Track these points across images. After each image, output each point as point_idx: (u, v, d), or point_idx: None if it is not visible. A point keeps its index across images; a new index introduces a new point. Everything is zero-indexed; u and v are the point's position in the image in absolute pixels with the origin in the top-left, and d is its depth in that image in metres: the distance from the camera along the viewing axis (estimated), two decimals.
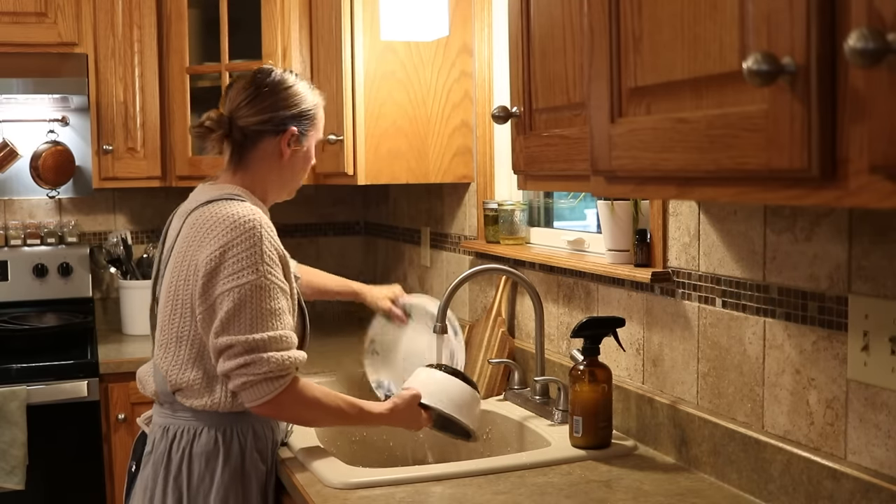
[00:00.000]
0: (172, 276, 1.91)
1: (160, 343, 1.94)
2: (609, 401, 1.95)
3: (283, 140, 1.98)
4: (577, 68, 1.51)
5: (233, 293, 1.79)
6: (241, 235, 1.81)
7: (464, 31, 2.81)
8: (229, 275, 1.80)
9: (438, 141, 2.85)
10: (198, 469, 1.88)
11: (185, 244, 1.89)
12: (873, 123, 0.86)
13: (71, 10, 3.25)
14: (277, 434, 2.01)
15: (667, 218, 1.93)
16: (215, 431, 1.89)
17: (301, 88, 2.01)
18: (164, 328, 1.92)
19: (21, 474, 2.86)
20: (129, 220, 3.72)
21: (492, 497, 1.70)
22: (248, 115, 1.97)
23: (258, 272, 1.80)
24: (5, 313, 3.40)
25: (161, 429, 1.94)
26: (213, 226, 1.84)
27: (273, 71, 2.01)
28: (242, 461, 1.91)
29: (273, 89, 1.98)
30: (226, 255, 1.81)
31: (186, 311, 1.87)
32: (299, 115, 1.99)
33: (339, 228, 3.99)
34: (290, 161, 2.01)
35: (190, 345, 1.88)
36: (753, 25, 1.01)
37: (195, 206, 1.92)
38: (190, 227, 1.89)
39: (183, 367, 1.88)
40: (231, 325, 1.79)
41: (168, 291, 1.91)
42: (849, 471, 1.46)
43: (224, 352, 1.80)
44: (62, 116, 3.54)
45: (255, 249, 1.81)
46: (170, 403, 1.94)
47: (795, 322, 1.59)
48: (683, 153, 1.14)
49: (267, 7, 3.13)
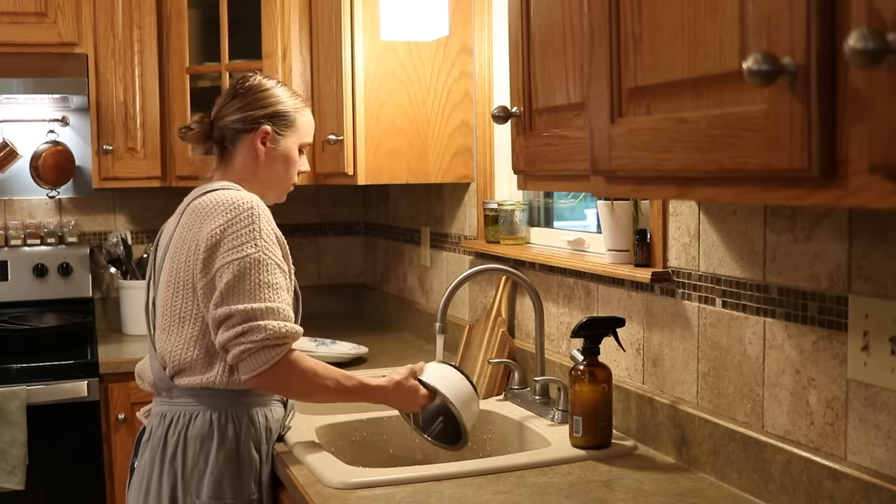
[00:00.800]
0: (173, 261, 1.96)
1: (162, 327, 1.98)
2: (609, 401, 1.95)
3: (255, 137, 2.05)
4: (577, 68, 1.51)
5: (232, 265, 1.85)
6: (240, 214, 1.88)
7: (464, 31, 2.81)
8: (229, 249, 1.86)
9: (438, 141, 2.85)
10: (192, 452, 1.92)
11: (186, 229, 1.95)
12: (873, 123, 0.86)
13: (71, 10, 3.25)
14: (272, 422, 2.02)
15: (667, 218, 1.93)
16: (210, 414, 1.93)
17: (278, 91, 2.08)
18: (167, 312, 1.96)
19: (21, 474, 2.86)
20: (129, 220, 3.72)
21: (492, 497, 1.70)
22: (225, 115, 2.07)
23: (257, 246, 1.87)
24: (5, 313, 3.40)
25: (158, 416, 1.99)
26: (213, 208, 1.91)
27: (254, 76, 2.11)
28: (237, 445, 1.94)
29: (248, 91, 2.07)
30: (226, 231, 1.87)
31: (188, 290, 1.93)
32: (274, 115, 2.06)
33: (339, 228, 3.99)
34: (268, 161, 2.07)
35: (192, 323, 1.93)
36: (753, 25, 1.01)
37: (193, 198, 2.00)
38: (189, 214, 1.96)
39: (186, 346, 1.93)
40: (230, 296, 1.84)
41: (169, 276, 1.97)
42: (849, 471, 1.46)
43: (223, 322, 1.85)
44: (62, 116, 3.54)
45: (254, 226, 1.88)
46: (167, 391, 1.98)
47: (795, 322, 1.59)
48: (683, 153, 1.14)
49: (267, 7, 3.12)
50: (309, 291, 2.87)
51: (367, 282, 3.98)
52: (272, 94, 2.07)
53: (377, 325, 3.66)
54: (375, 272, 3.88)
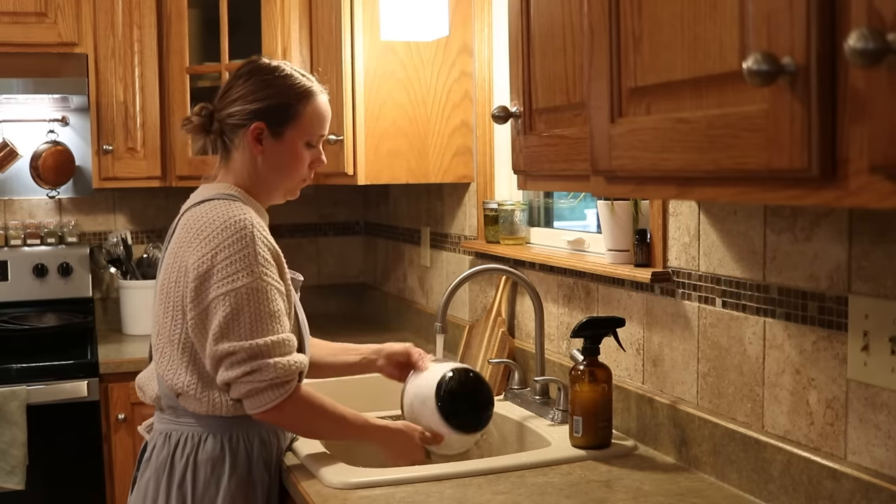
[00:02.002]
0: (165, 277, 1.85)
1: (157, 347, 1.88)
2: (609, 401, 1.95)
3: (249, 135, 1.87)
4: (577, 68, 1.51)
5: (228, 297, 1.73)
6: (232, 237, 1.75)
7: (464, 31, 2.81)
8: (222, 278, 1.74)
9: (438, 141, 2.85)
10: (203, 476, 1.83)
11: (177, 245, 1.84)
12: (873, 123, 0.86)
13: (71, 10, 3.25)
14: (283, 442, 1.97)
15: (667, 218, 1.93)
16: (221, 437, 1.85)
17: (280, 80, 1.87)
18: (161, 332, 1.86)
19: (21, 474, 2.86)
20: (129, 220, 3.72)
21: (492, 497, 1.70)
22: (222, 106, 1.90)
23: (253, 274, 1.74)
24: (5, 313, 3.40)
25: (162, 435, 1.89)
26: (202, 228, 1.78)
27: (261, 59, 1.92)
28: (249, 469, 1.86)
29: (246, 80, 1.88)
30: (216, 257, 1.75)
31: (178, 314, 1.81)
32: (269, 108, 1.86)
33: (339, 228, 3.99)
34: (268, 160, 1.89)
35: (181, 348, 1.82)
36: (753, 25, 1.01)
37: (189, 206, 1.89)
38: (181, 228, 1.85)
39: (177, 372, 1.83)
40: (230, 331, 1.74)
41: (161, 293, 1.86)
42: (849, 471, 1.46)
43: (224, 359, 1.75)
44: (62, 116, 3.54)
45: (248, 251, 1.75)
46: (172, 409, 1.88)
47: (795, 322, 1.59)
48: (683, 153, 1.14)
49: (267, 7, 3.13)
50: (309, 291, 2.86)
51: (367, 282, 3.98)
52: (271, 83, 1.86)
53: (377, 325, 3.66)
54: (375, 272, 3.88)
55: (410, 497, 1.71)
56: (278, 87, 1.88)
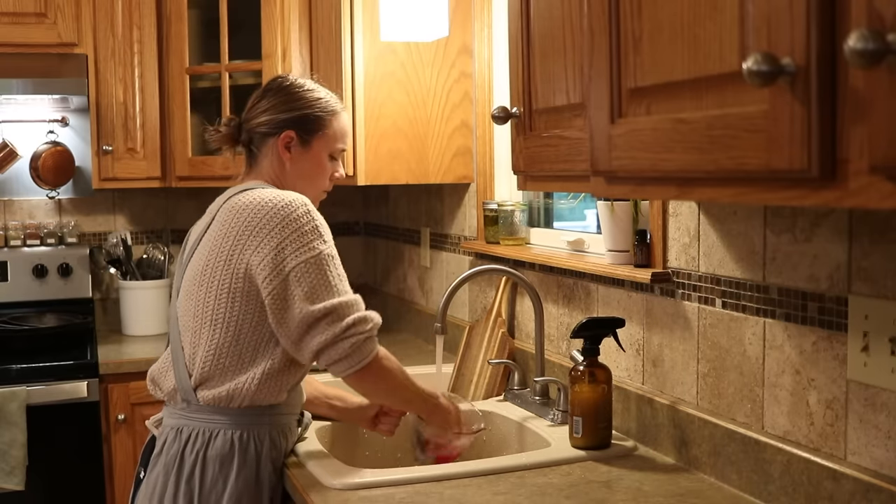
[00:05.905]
0: (207, 261, 1.88)
1: (191, 329, 1.89)
2: (609, 401, 1.95)
3: (279, 143, 1.99)
4: (577, 68, 1.51)
5: (309, 264, 1.81)
6: (296, 211, 1.84)
7: (464, 32, 2.81)
8: (299, 248, 1.82)
9: (438, 141, 2.85)
10: (211, 472, 1.85)
11: (225, 228, 1.87)
12: (873, 124, 0.86)
13: (71, 10, 3.26)
14: (291, 442, 1.98)
15: (667, 218, 1.93)
16: (231, 435, 1.86)
17: (309, 94, 2.01)
18: (198, 313, 1.88)
19: (21, 475, 2.86)
20: (128, 220, 3.72)
21: (492, 497, 1.70)
22: (251, 117, 2.02)
23: (326, 242, 1.85)
24: (5, 314, 3.41)
25: (174, 430, 1.90)
26: (258, 209, 1.84)
27: (287, 77, 2.05)
28: (257, 468, 1.87)
29: (277, 93, 2.01)
30: (286, 230, 1.82)
31: (223, 293, 1.85)
32: (300, 119, 1.99)
33: (339, 228, 3.98)
34: (295, 167, 2.00)
35: (225, 328, 1.85)
36: (753, 26, 1.01)
37: (228, 198, 1.93)
38: (227, 213, 1.88)
39: (219, 351, 1.85)
40: (321, 292, 1.81)
41: (202, 277, 1.88)
42: (849, 471, 1.46)
43: (323, 318, 1.80)
44: (62, 117, 3.54)
45: (315, 223, 1.85)
46: (186, 402, 1.89)
47: (795, 322, 1.59)
48: (683, 154, 1.14)
49: (267, 7, 3.13)
50: None
51: (366, 282, 3.97)
52: (301, 96, 2.00)
53: None
54: (375, 273, 3.88)
55: (410, 497, 1.71)
56: (309, 100, 2.01)
